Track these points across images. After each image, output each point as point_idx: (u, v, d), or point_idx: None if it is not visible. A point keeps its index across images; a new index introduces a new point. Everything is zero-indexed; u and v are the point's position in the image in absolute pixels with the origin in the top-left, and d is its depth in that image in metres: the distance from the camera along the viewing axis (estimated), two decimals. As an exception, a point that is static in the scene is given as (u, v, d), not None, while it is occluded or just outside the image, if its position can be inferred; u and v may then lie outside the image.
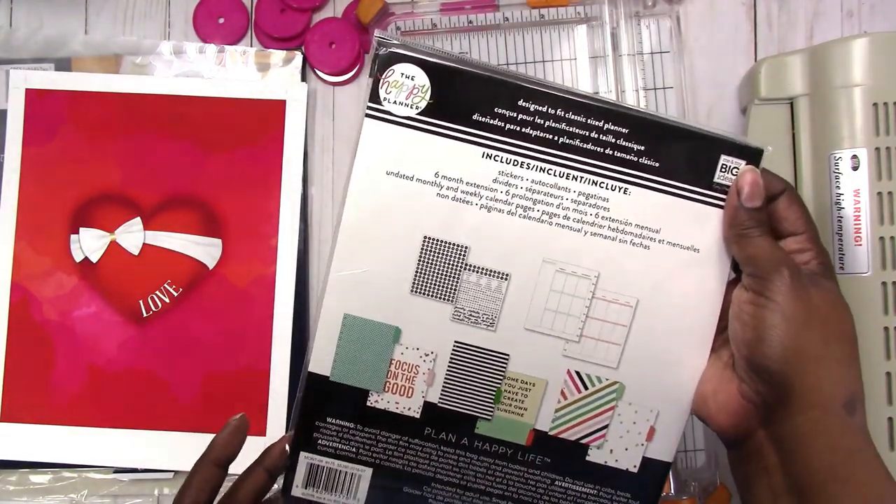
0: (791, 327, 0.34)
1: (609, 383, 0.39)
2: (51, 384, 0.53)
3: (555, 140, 0.38)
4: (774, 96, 0.49)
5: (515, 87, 0.37)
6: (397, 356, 0.39)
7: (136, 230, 0.54)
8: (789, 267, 0.35)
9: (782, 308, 0.34)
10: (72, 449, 0.53)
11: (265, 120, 0.54)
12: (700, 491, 0.51)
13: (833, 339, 0.34)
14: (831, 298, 0.35)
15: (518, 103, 0.37)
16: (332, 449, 0.40)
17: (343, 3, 0.56)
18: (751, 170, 0.37)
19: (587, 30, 0.54)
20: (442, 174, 0.38)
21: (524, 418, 0.40)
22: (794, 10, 0.55)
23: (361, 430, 0.40)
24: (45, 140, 0.54)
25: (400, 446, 0.40)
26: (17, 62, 0.55)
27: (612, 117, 0.38)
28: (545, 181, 0.38)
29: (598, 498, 0.40)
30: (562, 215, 0.38)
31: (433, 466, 0.40)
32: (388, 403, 0.39)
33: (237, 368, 0.53)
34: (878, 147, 0.46)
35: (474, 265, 0.39)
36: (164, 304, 0.54)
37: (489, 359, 0.39)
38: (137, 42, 0.56)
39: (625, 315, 0.39)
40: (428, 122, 0.38)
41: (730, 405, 0.37)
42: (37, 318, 0.54)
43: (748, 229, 0.36)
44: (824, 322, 0.34)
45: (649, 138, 0.38)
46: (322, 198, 0.56)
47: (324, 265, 0.55)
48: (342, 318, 0.39)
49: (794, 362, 0.34)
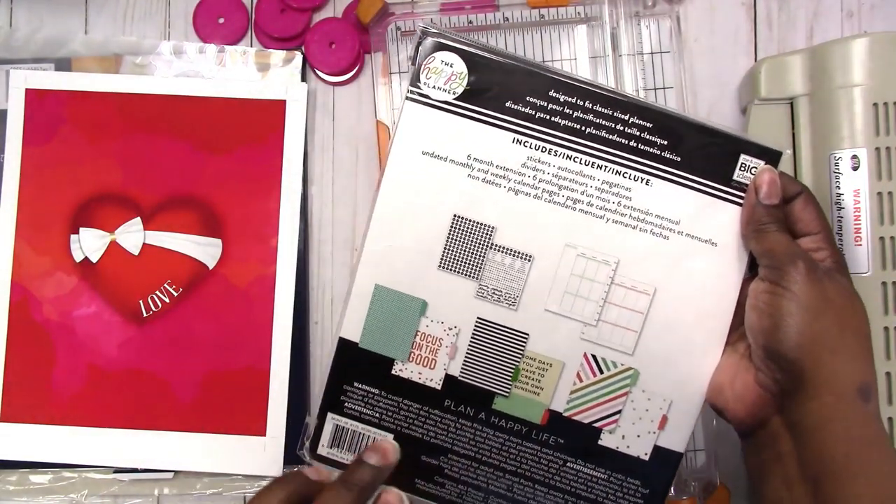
0: (807, 315, 0.35)
1: (624, 369, 0.40)
2: (51, 384, 0.53)
3: (582, 130, 0.40)
4: (774, 96, 0.49)
5: (547, 78, 0.39)
6: (423, 328, 0.41)
7: (136, 230, 0.54)
8: (805, 259, 0.36)
9: (798, 297, 0.35)
10: (72, 449, 0.53)
11: (265, 120, 0.54)
12: (700, 491, 0.51)
13: (848, 330, 0.35)
14: (846, 292, 0.36)
15: (549, 94, 0.40)
16: (357, 413, 0.42)
17: (343, 3, 0.56)
18: (769, 169, 0.38)
19: (587, 30, 0.54)
20: (474, 157, 0.40)
21: (540, 398, 0.41)
22: (794, 10, 0.55)
23: (385, 396, 0.41)
24: (45, 140, 0.54)
25: (420, 415, 0.41)
26: (17, 62, 0.55)
27: (637, 112, 0.39)
28: (571, 168, 0.40)
29: (609, 483, 0.41)
30: (585, 202, 0.40)
31: (451, 438, 0.41)
32: (411, 373, 0.41)
33: (237, 368, 0.53)
34: (878, 147, 0.46)
35: (500, 245, 0.40)
36: (164, 304, 0.54)
37: (509, 337, 0.41)
38: (137, 42, 0.56)
39: (642, 302, 0.40)
40: (463, 106, 0.40)
41: (746, 394, 0.38)
42: (37, 318, 0.54)
43: (766, 224, 0.37)
44: (839, 313, 0.35)
45: (672, 134, 0.39)
46: (322, 198, 0.56)
47: (324, 265, 0.55)
48: (373, 288, 0.41)
49: (810, 349, 0.35)
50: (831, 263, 0.37)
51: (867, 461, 0.34)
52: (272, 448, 0.53)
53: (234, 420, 0.53)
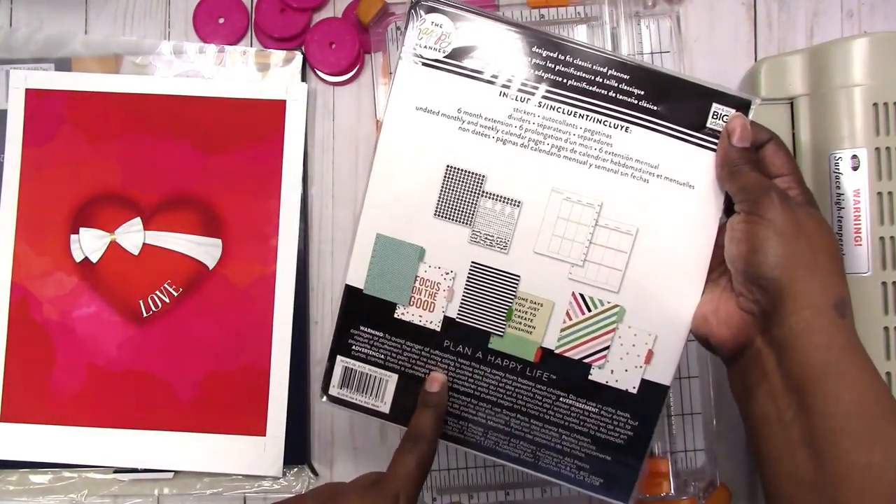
0: (782, 238, 0.37)
1: (610, 306, 0.43)
2: (51, 384, 0.53)
3: (563, 82, 0.42)
4: (774, 96, 0.49)
5: (531, 35, 0.42)
6: (422, 273, 0.43)
7: (136, 230, 0.54)
8: (777, 191, 0.38)
9: (773, 222, 0.37)
10: (72, 449, 0.53)
11: (265, 120, 0.54)
12: (700, 491, 0.51)
13: (820, 251, 0.37)
14: (817, 219, 0.38)
15: (532, 49, 0.42)
16: (363, 355, 0.44)
17: (343, 3, 0.56)
18: (739, 115, 0.41)
19: (587, 30, 0.54)
20: (464, 110, 0.42)
21: (532, 336, 0.43)
22: (794, 10, 0.55)
23: (389, 339, 0.44)
24: (45, 140, 0.54)
25: (422, 356, 0.44)
26: (17, 62, 0.56)
27: (615, 65, 0.42)
28: (554, 118, 0.42)
29: (600, 416, 0.43)
30: (569, 149, 0.42)
31: (451, 376, 0.44)
32: (412, 316, 0.43)
33: (237, 368, 0.53)
34: (878, 147, 0.46)
35: (490, 192, 0.42)
36: (164, 304, 0.54)
37: (502, 279, 0.43)
38: (137, 42, 0.56)
39: (625, 242, 0.42)
40: (453, 63, 0.42)
41: (730, 318, 0.40)
42: (37, 318, 0.54)
43: (739, 165, 0.40)
44: (812, 236, 0.37)
45: (648, 85, 0.42)
46: (322, 198, 0.56)
47: (324, 265, 0.55)
48: (374, 237, 0.43)
49: (786, 268, 0.37)
50: (801, 198, 0.40)
51: (845, 366, 0.35)
52: (272, 448, 0.53)
53: (234, 420, 0.53)
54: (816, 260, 0.37)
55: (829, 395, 0.35)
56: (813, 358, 0.36)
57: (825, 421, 0.35)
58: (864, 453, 0.34)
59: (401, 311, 0.43)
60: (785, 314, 0.37)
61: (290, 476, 0.54)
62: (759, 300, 0.38)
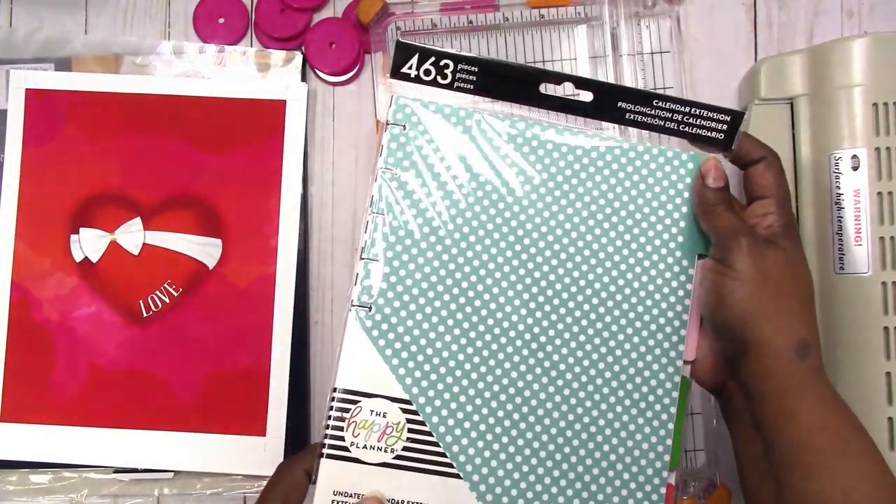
0: (745, 290, 0.38)
1: None
2: (51, 384, 0.53)
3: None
4: (774, 96, 0.49)
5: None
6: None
7: (136, 230, 0.54)
8: (747, 236, 0.39)
9: (739, 274, 0.39)
10: (72, 449, 0.53)
11: (265, 120, 0.54)
12: (700, 491, 0.51)
13: (785, 297, 0.39)
14: (788, 260, 0.39)
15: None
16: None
17: (343, 3, 0.56)
18: (712, 157, 0.42)
19: (587, 30, 0.54)
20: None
21: None
22: (794, 10, 0.55)
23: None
24: (45, 140, 0.54)
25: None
26: (17, 62, 0.55)
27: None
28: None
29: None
30: None
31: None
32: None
33: (237, 368, 0.53)
34: (878, 147, 0.46)
35: None
36: (164, 304, 0.54)
37: None
38: (137, 42, 0.56)
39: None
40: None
41: (706, 361, 0.42)
42: (37, 318, 0.54)
43: (714, 206, 0.41)
44: (778, 282, 0.39)
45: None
46: (322, 198, 0.56)
47: (324, 265, 0.55)
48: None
49: (748, 321, 0.38)
50: (778, 227, 0.40)
51: (800, 404, 0.37)
52: (272, 448, 0.53)
53: (234, 420, 0.53)
54: (779, 306, 0.38)
55: (783, 432, 0.37)
56: (771, 400, 0.38)
57: (780, 453, 0.37)
58: (814, 481, 0.36)
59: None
60: (748, 362, 0.39)
61: (290, 476, 0.54)
62: (726, 348, 0.40)
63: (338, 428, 0.38)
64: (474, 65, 0.40)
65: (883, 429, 0.44)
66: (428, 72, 0.41)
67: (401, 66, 0.41)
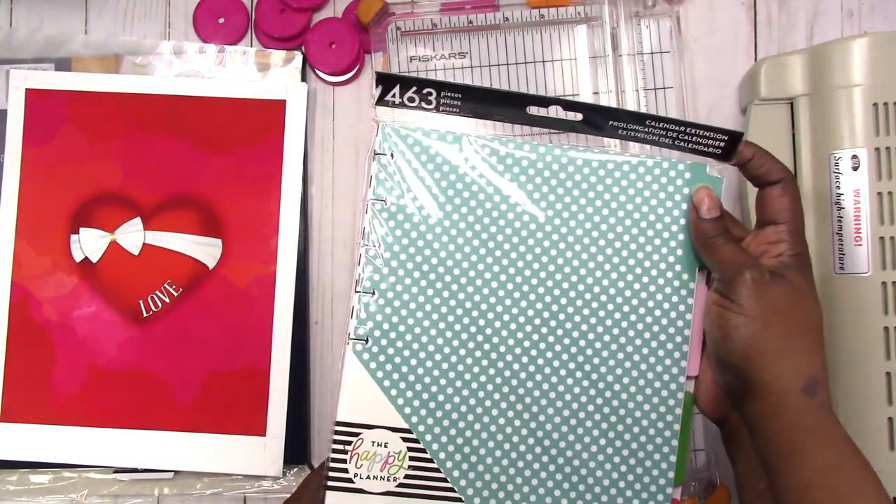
0: (752, 327, 0.37)
1: None
2: (51, 384, 0.53)
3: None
4: (774, 96, 0.49)
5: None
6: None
7: (136, 230, 0.54)
8: (751, 269, 0.37)
9: (744, 309, 0.37)
10: (72, 449, 0.53)
11: (265, 120, 0.54)
12: (700, 491, 0.51)
13: (793, 333, 0.37)
14: (796, 293, 0.38)
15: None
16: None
17: (343, 3, 0.56)
18: (704, 186, 0.40)
19: (587, 30, 0.54)
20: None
21: None
22: (794, 10, 0.55)
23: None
24: (45, 140, 0.54)
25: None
26: (17, 62, 0.55)
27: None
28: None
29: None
30: None
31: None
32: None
33: (237, 368, 0.53)
34: (878, 147, 0.46)
35: None
36: (164, 304, 0.54)
37: None
38: (137, 42, 0.56)
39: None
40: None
41: (708, 392, 0.41)
42: (37, 318, 0.54)
43: (712, 238, 0.39)
44: (785, 318, 0.37)
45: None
46: (322, 198, 0.56)
47: (324, 265, 0.55)
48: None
49: (755, 358, 0.37)
50: (788, 258, 0.38)
51: (809, 444, 0.36)
52: (272, 448, 0.53)
53: (234, 420, 0.53)
54: (788, 343, 0.37)
55: (790, 471, 0.36)
56: (778, 438, 0.37)
57: (787, 494, 0.36)
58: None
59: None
60: (753, 399, 0.37)
61: (290, 476, 0.53)
62: (730, 383, 0.39)
63: (340, 460, 0.39)
64: (457, 91, 0.40)
65: (883, 429, 0.44)
66: (412, 99, 0.41)
67: (384, 95, 0.40)
